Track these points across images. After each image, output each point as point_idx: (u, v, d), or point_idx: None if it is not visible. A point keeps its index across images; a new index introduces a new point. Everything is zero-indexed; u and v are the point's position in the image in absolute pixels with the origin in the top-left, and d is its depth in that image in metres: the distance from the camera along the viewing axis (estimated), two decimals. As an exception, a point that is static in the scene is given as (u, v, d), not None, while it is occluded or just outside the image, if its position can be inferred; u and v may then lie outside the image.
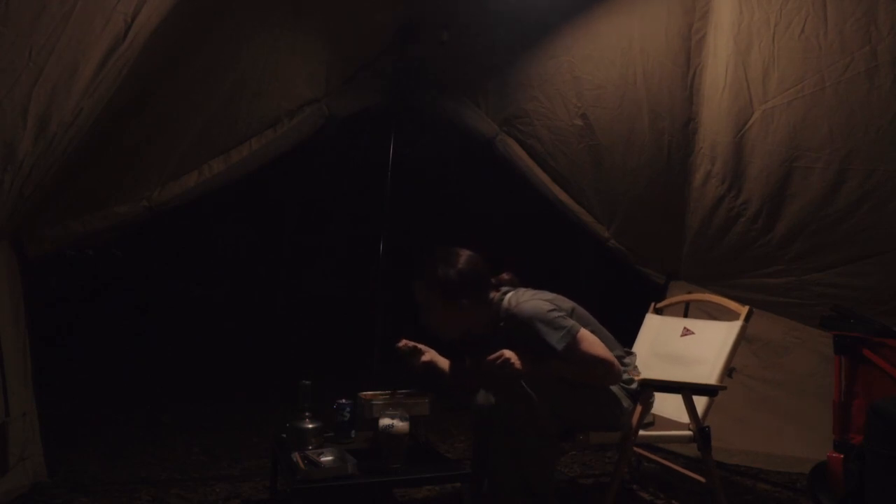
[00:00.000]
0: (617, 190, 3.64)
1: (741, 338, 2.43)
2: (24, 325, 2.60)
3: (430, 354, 2.34)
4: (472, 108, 3.80)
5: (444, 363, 2.37)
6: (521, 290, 2.21)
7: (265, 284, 6.62)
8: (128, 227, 2.95)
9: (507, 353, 2.03)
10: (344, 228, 6.67)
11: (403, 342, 2.33)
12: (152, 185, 2.92)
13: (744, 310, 2.45)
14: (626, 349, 2.34)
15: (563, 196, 3.78)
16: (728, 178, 3.21)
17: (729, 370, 2.44)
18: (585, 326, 2.12)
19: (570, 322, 2.08)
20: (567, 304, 2.19)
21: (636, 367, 2.32)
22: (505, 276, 2.28)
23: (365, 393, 2.38)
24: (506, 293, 2.21)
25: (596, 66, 3.34)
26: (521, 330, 2.09)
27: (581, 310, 2.23)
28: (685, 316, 2.80)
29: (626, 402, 2.20)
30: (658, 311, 2.92)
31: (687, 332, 2.62)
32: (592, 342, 2.08)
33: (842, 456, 2.47)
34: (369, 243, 3.99)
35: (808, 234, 3.12)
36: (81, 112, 2.32)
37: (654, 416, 2.41)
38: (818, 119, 2.87)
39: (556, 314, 2.08)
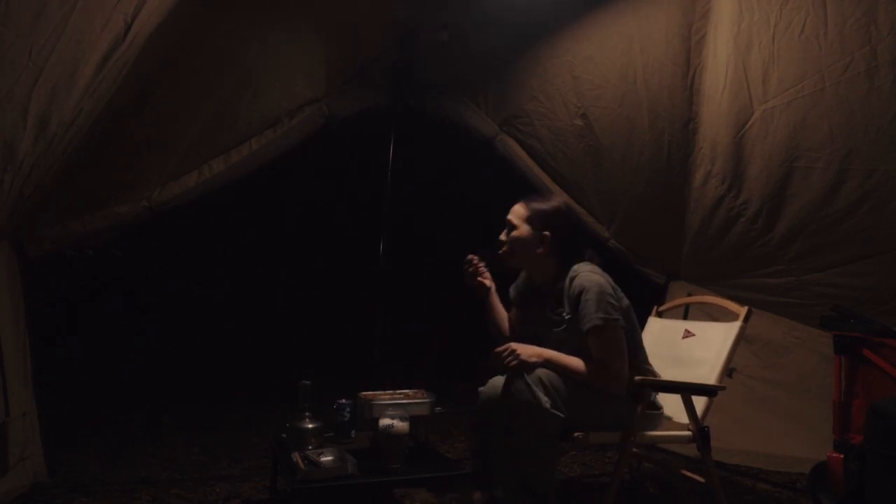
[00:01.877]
0: (617, 190, 3.64)
1: (740, 338, 2.43)
2: (24, 325, 2.60)
3: (488, 283, 2.44)
4: (472, 108, 3.80)
5: (497, 304, 2.44)
6: (598, 269, 2.25)
7: (265, 284, 6.62)
8: (128, 227, 2.95)
9: (514, 346, 2.07)
10: (344, 228, 6.66)
11: (473, 257, 2.42)
12: (152, 185, 2.92)
13: (743, 310, 2.45)
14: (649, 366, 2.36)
15: (563, 196, 3.78)
16: (728, 178, 3.21)
17: (729, 370, 2.44)
18: (629, 331, 2.18)
19: (616, 315, 2.11)
20: (625, 301, 2.23)
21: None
22: (591, 251, 2.35)
23: (365, 393, 2.38)
24: (580, 262, 2.25)
25: (596, 66, 3.34)
26: (574, 293, 2.14)
27: (633, 315, 2.27)
28: (685, 317, 2.80)
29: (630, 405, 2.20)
30: (660, 315, 2.92)
31: (688, 333, 2.62)
32: (617, 343, 2.11)
33: (842, 456, 2.47)
34: (369, 243, 3.99)
35: (808, 234, 3.12)
36: (81, 112, 2.32)
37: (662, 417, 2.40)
38: (818, 119, 2.87)
39: (611, 300, 2.12)
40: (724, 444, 3.07)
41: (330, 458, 2.07)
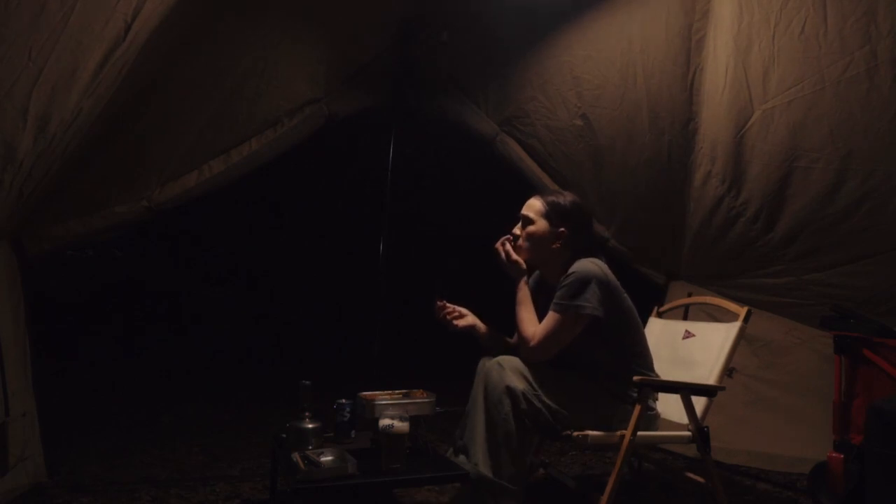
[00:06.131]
0: (617, 190, 3.64)
1: (740, 338, 2.43)
2: (24, 325, 2.60)
3: (470, 318, 2.38)
4: (472, 108, 3.79)
5: (488, 334, 2.40)
6: (600, 262, 2.22)
7: (266, 285, 6.62)
8: (128, 227, 2.95)
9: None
10: (344, 228, 6.66)
11: (442, 303, 2.37)
12: (152, 185, 2.92)
13: (743, 310, 2.45)
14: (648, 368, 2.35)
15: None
16: (728, 178, 3.21)
17: (729, 370, 2.44)
18: (623, 332, 2.21)
19: (591, 306, 2.09)
20: (627, 302, 2.23)
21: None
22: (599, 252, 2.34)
23: (365, 393, 2.38)
24: (585, 257, 2.23)
25: (596, 66, 3.34)
26: (563, 282, 2.14)
27: (632, 316, 2.27)
28: (685, 318, 2.80)
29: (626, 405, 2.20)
30: (661, 315, 2.92)
31: (688, 334, 2.62)
32: (561, 329, 2.12)
33: (842, 456, 2.48)
34: (369, 243, 3.99)
35: (808, 234, 3.12)
36: (81, 112, 2.32)
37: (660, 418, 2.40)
38: (818, 119, 2.87)
39: (595, 289, 2.10)
40: (724, 444, 3.07)
41: (330, 458, 2.07)
